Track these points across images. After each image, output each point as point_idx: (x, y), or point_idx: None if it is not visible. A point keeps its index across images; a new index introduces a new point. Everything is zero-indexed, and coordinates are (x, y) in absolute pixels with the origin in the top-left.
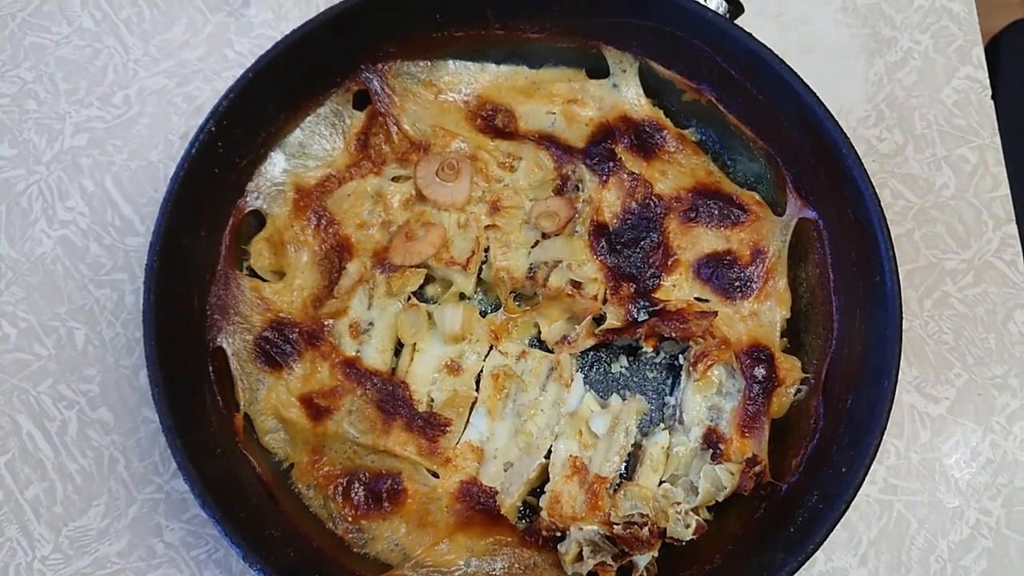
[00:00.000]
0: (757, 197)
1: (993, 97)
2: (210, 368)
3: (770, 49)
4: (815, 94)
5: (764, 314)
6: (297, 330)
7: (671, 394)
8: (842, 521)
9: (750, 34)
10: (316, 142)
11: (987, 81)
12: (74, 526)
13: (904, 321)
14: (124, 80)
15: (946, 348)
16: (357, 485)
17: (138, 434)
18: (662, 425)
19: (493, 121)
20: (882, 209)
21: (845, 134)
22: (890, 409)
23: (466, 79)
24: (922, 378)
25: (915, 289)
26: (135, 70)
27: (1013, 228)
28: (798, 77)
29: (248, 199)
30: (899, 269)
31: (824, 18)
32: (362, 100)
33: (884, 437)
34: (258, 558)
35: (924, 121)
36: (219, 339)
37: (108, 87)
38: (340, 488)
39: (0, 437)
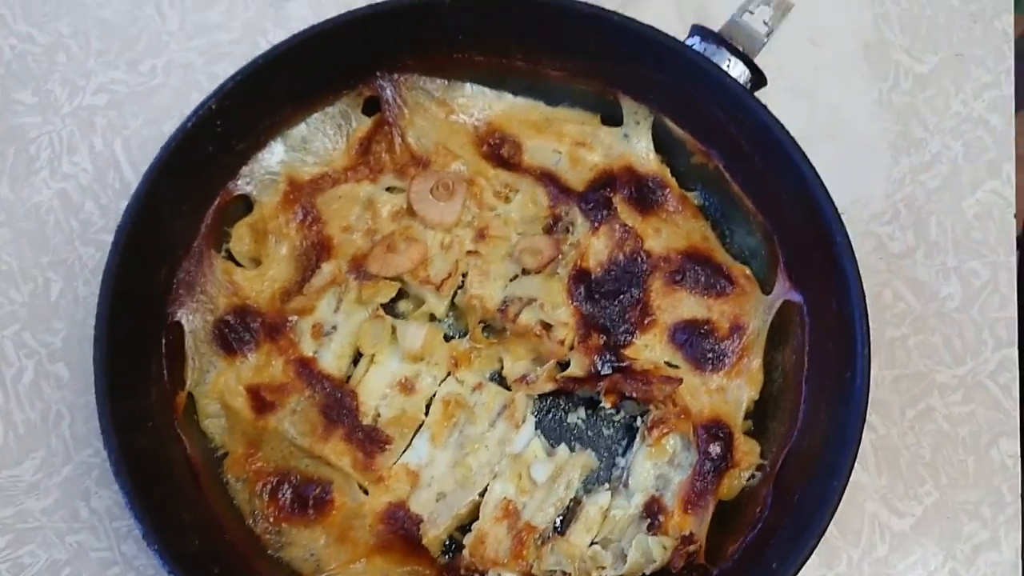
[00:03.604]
0: (748, 272)
1: None
2: (163, 341)
3: (782, 125)
4: (818, 176)
5: (732, 391)
6: (260, 320)
7: (623, 455)
8: None
9: (765, 107)
10: (319, 139)
11: (1012, 198)
12: (7, 474)
13: (882, 427)
14: (155, 50)
15: (921, 463)
16: (286, 487)
17: (88, 395)
18: (607, 485)
19: (499, 150)
20: (865, 305)
21: (841, 221)
22: (834, 510)
23: (480, 104)
24: (890, 489)
25: (900, 395)
26: (168, 42)
27: (1014, 352)
28: (804, 156)
29: (239, 183)
30: (887, 374)
31: (857, 107)
32: (372, 106)
33: (840, 543)
34: (157, 539)
35: (940, 228)
36: (179, 314)
37: (138, 54)
38: (269, 486)
39: None
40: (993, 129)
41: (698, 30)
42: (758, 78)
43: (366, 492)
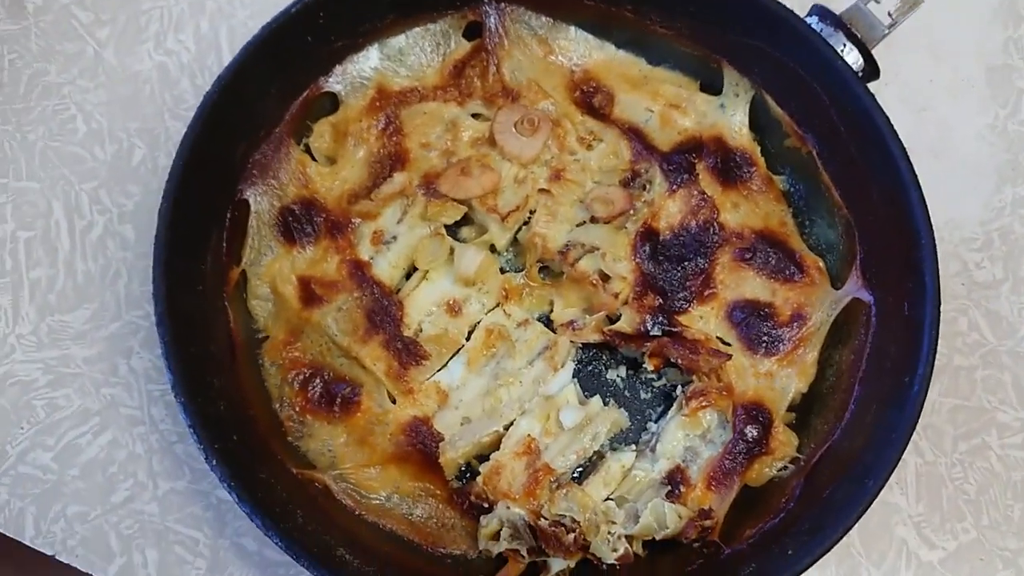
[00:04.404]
0: (821, 264)
1: None
2: (228, 215)
3: (886, 116)
4: (914, 173)
5: (780, 379)
6: (324, 215)
7: (656, 421)
8: None
9: (872, 95)
10: (415, 54)
11: None
12: (59, 319)
13: (930, 454)
14: None
15: (964, 498)
16: (318, 380)
17: (149, 260)
18: (634, 447)
19: (591, 98)
20: (939, 311)
21: (930, 223)
22: (864, 510)
23: (581, 50)
24: (926, 518)
25: (955, 426)
26: None
27: None
28: (903, 151)
29: (330, 80)
30: (946, 402)
31: (968, 128)
32: (472, 31)
33: (863, 560)
34: (184, 391)
35: None
36: (248, 193)
37: None
38: (301, 377)
39: (31, 215)
40: None
41: (818, 9)
42: (872, 69)
43: (393, 401)
